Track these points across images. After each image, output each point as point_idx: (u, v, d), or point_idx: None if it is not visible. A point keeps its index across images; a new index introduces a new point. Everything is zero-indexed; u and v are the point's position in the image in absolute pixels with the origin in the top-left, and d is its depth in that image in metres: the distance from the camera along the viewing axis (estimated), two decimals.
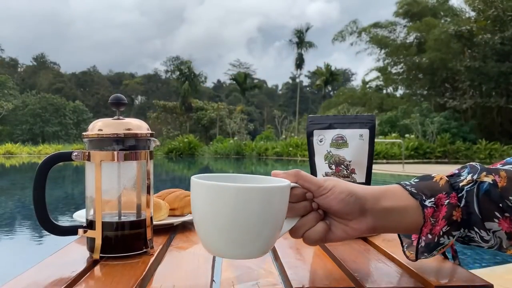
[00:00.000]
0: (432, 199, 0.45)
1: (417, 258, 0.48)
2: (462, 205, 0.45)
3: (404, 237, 0.54)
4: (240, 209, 0.42)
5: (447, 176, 0.49)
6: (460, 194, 0.46)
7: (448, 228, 0.46)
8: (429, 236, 0.46)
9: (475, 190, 0.45)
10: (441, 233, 0.46)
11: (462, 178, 0.47)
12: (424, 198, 0.45)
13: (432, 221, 0.45)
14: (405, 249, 0.52)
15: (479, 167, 0.47)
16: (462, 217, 0.45)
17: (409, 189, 0.47)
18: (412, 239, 0.53)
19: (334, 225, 0.47)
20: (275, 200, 0.44)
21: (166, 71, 41.97)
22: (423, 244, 0.47)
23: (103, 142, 0.62)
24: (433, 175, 0.49)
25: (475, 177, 0.46)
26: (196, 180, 0.46)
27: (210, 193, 0.44)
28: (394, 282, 0.51)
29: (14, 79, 36.55)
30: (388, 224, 0.46)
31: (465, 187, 0.46)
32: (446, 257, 0.57)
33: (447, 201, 0.45)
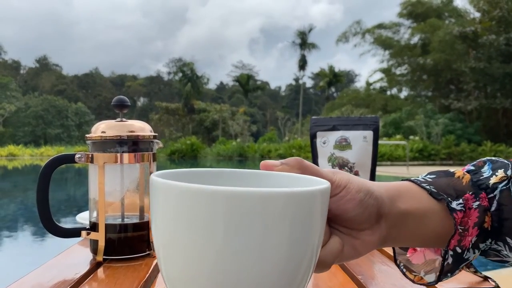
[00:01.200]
0: (460, 201, 0.35)
1: (439, 281, 0.37)
2: (493, 209, 0.36)
3: (398, 253, 0.42)
4: (256, 235, 0.23)
5: (468, 171, 0.39)
6: (491, 195, 0.36)
7: (476, 238, 0.35)
8: (458, 250, 0.35)
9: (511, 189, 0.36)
10: (470, 246, 0.35)
11: (486, 174, 0.37)
12: (449, 199, 0.35)
13: (460, 230, 0.34)
14: (402, 269, 0.41)
15: (507, 162, 0.38)
16: (493, 224, 0.36)
17: (427, 187, 0.36)
18: (408, 255, 0.41)
19: (342, 239, 0.33)
20: (315, 214, 0.26)
21: (169, 73, 42.18)
22: (450, 260, 0.35)
23: (106, 144, 0.62)
24: (452, 170, 0.39)
25: (509, 173, 0.36)
26: (161, 181, 0.25)
27: (191, 206, 0.23)
28: (398, 285, 0.51)
29: (17, 81, 36.77)
30: (402, 234, 0.35)
31: (498, 186, 0.36)
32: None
33: (477, 203, 0.35)
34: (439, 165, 17.29)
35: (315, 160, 0.88)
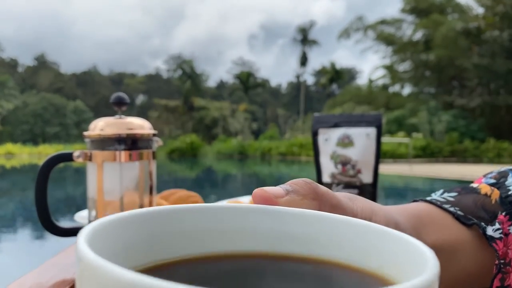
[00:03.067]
0: (497, 225, 0.27)
1: None
2: None
3: None
4: None
5: (491, 185, 0.31)
6: None
7: None
8: None
9: None
10: None
11: None
12: (482, 223, 0.27)
13: (502, 266, 0.27)
14: None
15: None
16: None
17: (451, 209, 0.28)
18: None
19: None
20: None
21: (168, 70, 42.19)
22: None
23: (105, 142, 0.61)
24: (476, 186, 0.31)
25: None
26: (98, 264, 0.11)
27: None
28: None
29: (14, 79, 36.85)
30: None
31: None
32: None
33: None
34: (442, 162, 17.26)
35: (317, 158, 0.87)
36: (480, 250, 0.27)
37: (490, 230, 0.27)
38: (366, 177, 0.81)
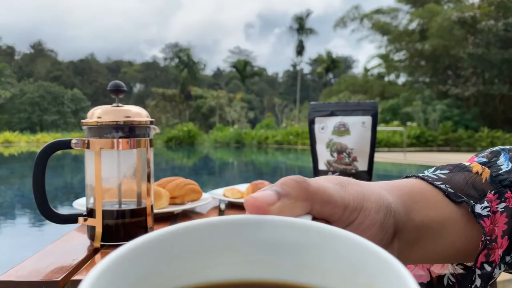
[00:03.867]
0: (485, 203, 0.28)
1: None
2: None
3: None
4: None
5: (482, 164, 0.31)
6: None
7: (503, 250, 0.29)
8: (487, 268, 0.28)
9: None
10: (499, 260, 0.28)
11: (505, 167, 0.30)
12: (471, 201, 0.28)
13: (488, 242, 0.27)
14: None
15: None
16: None
17: (442, 186, 0.28)
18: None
19: None
20: None
21: (165, 59, 41.77)
22: (478, 283, 0.28)
23: (102, 130, 0.61)
24: (468, 164, 0.31)
25: None
26: None
27: None
28: None
29: (11, 67, 36.33)
30: (416, 252, 0.27)
31: None
32: None
33: (503, 205, 0.28)
34: (436, 151, 17.37)
35: (313, 146, 0.88)
36: (469, 227, 0.28)
37: (478, 208, 0.27)
38: (362, 165, 0.82)
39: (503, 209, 0.28)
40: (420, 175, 0.30)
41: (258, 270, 0.17)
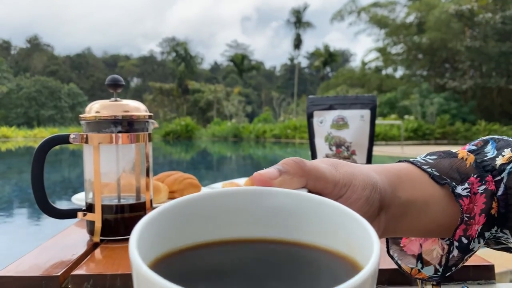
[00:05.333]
0: (466, 185, 0.31)
1: (443, 275, 0.33)
2: (500, 193, 0.32)
3: (391, 242, 0.37)
4: None
5: (469, 152, 0.35)
6: (498, 178, 0.32)
7: (482, 227, 0.32)
8: (464, 241, 0.31)
9: None
10: (476, 235, 0.32)
11: (490, 155, 0.34)
12: (454, 183, 0.31)
13: (466, 218, 0.31)
14: (397, 261, 0.36)
15: None
16: (499, 210, 0.32)
17: (428, 169, 0.32)
18: (401, 244, 0.37)
19: None
20: None
21: (162, 53, 41.56)
22: (455, 253, 0.32)
23: (101, 124, 0.61)
24: (455, 151, 0.34)
25: None
26: (144, 273, 0.15)
27: None
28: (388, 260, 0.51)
29: (8, 62, 36.07)
30: (402, 225, 0.31)
31: (506, 168, 0.32)
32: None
33: (483, 187, 0.31)
34: (433, 144, 17.44)
35: (312, 140, 0.88)
36: (450, 206, 0.31)
37: (459, 189, 0.31)
38: (360, 159, 0.82)
39: (483, 191, 0.31)
40: (411, 159, 0.34)
41: (261, 230, 0.21)
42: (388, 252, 0.36)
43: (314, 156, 0.87)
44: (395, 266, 0.36)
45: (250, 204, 0.21)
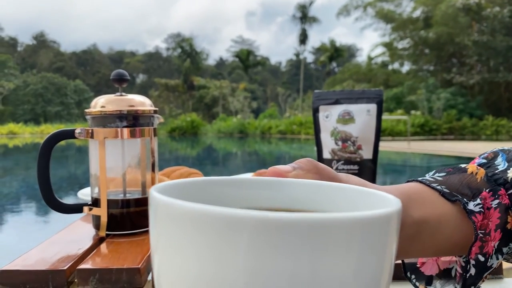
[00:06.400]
0: (478, 200, 0.30)
1: None
2: None
3: (408, 264, 0.36)
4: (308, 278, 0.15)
5: (479, 165, 0.34)
6: (511, 191, 0.31)
7: (499, 242, 0.31)
8: (480, 259, 0.30)
9: None
10: (493, 252, 0.31)
11: (501, 167, 0.33)
12: (465, 199, 0.30)
13: (481, 235, 0.30)
14: (415, 283, 0.35)
15: None
16: None
17: (437, 187, 0.31)
18: (418, 265, 0.36)
19: None
20: (389, 245, 0.18)
21: (167, 49, 41.58)
22: (472, 272, 0.31)
23: (106, 119, 0.61)
24: (464, 166, 0.33)
25: None
26: (167, 201, 0.16)
27: (214, 240, 0.15)
28: None
29: (14, 58, 36.32)
30: (416, 246, 0.30)
31: None
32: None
33: (496, 201, 0.31)
34: (440, 140, 17.29)
35: (317, 135, 0.87)
36: (464, 223, 0.30)
37: (471, 205, 0.30)
38: (366, 153, 0.81)
39: (496, 205, 0.30)
40: (419, 179, 0.33)
41: (279, 204, 0.23)
42: (405, 273, 0.35)
43: (320, 151, 0.87)
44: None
45: (270, 192, 0.23)
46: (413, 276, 0.35)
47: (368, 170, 0.81)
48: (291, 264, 0.14)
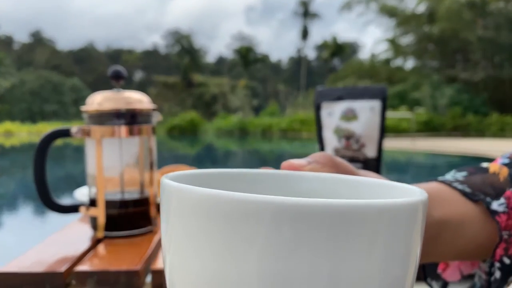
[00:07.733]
0: (502, 200, 0.29)
1: None
2: None
3: (428, 269, 0.34)
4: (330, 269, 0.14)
5: (504, 165, 0.32)
6: None
7: None
8: (505, 261, 0.29)
9: None
10: None
11: None
12: (488, 199, 0.29)
13: (506, 236, 0.29)
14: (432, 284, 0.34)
15: None
16: None
17: (459, 187, 0.30)
18: (439, 271, 0.33)
19: None
20: (416, 233, 0.16)
21: (166, 46, 41.49)
22: (498, 275, 0.29)
23: (103, 117, 0.60)
24: (485, 166, 0.32)
25: None
26: (183, 188, 0.15)
27: (233, 227, 0.14)
28: None
29: (11, 56, 36.31)
30: (437, 248, 0.28)
31: None
32: None
33: None
34: (445, 137, 17.23)
35: (320, 133, 0.86)
36: (488, 223, 0.29)
37: (495, 205, 0.29)
38: (370, 152, 0.80)
39: None
40: (439, 178, 0.32)
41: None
42: (425, 279, 0.34)
43: (322, 149, 0.85)
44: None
45: (287, 186, 0.22)
46: (433, 283, 0.34)
47: (372, 169, 0.80)
48: (313, 251, 0.13)
